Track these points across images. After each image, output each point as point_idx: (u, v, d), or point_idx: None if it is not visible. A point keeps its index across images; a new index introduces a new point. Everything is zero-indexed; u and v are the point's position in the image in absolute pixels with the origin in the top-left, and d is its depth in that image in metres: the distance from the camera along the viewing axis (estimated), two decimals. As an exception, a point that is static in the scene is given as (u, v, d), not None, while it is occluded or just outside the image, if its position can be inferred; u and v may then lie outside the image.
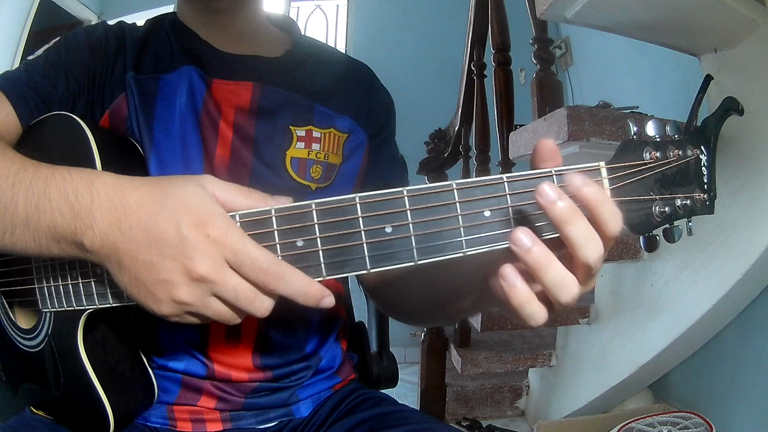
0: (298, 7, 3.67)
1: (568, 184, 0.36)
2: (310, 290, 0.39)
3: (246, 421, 0.63)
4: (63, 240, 0.41)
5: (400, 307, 0.68)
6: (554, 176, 0.38)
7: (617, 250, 1.37)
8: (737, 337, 1.29)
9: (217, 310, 0.39)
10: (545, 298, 0.38)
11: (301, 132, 0.65)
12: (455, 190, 0.38)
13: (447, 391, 1.79)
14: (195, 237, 0.37)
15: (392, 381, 0.86)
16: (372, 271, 0.39)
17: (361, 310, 0.86)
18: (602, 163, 0.39)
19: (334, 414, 0.64)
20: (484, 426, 1.70)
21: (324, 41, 0.86)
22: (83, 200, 0.40)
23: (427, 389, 1.77)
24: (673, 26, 1.07)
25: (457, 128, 2.16)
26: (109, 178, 0.41)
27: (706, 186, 0.41)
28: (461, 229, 0.38)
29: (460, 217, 0.38)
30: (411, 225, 0.38)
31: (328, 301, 0.39)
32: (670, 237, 0.42)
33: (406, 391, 2.34)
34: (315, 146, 0.66)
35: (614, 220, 0.36)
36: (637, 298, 1.40)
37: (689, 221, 0.42)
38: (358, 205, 0.38)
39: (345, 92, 0.71)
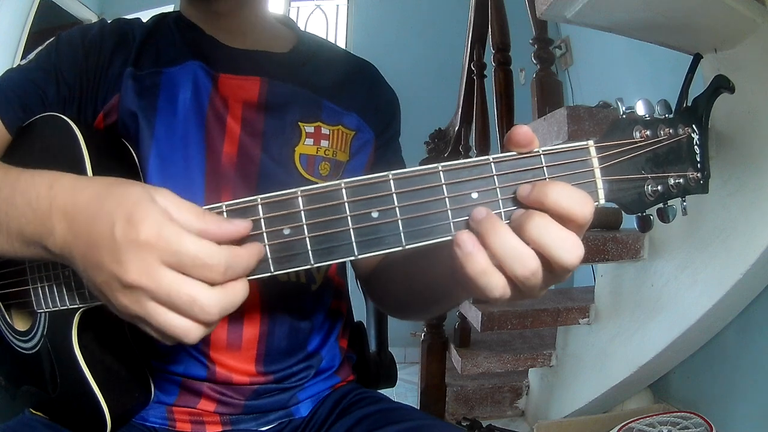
0: (298, 7, 3.67)
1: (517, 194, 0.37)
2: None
3: (246, 424, 0.62)
4: (32, 244, 0.42)
5: (386, 295, 0.68)
6: (542, 156, 0.38)
7: (617, 250, 1.37)
8: (737, 337, 1.29)
9: (162, 318, 0.36)
10: (505, 271, 0.36)
11: (309, 128, 0.65)
12: (441, 173, 0.38)
13: (447, 391, 1.79)
14: (125, 240, 0.35)
15: (391, 381, 0.86)
16: (360, 257, 0.38)
17: (360, 310, 0.86)
18: (591, 142, 0.39)
19: (335, 412, 0.63)
20: (484, 426, 1.70)
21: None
22: (43, 205, 0.40)
23: (427, 389, 1.77)
24: (673, 26, 1.07)
25: (457, 128, 2.16)
26: (67, 180, 0.41)
27: (699, 165, 0.41)
28: (449, 211, 0.38)
29: (447, 199, 0.38)
30: (398, 209, 0.38)
31: None
32: (664, 217, 0.41)
33: (406, 391, 2.34)
34: (324, 143, 0.65)
35: (576, 203, 0.35)
36: (637, 298, 1.40)
37: (683, 201, 0.42)
38: (343, 190, 0.38)
39: (352, 90, 0.70)
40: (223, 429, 0.62)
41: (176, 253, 0.35)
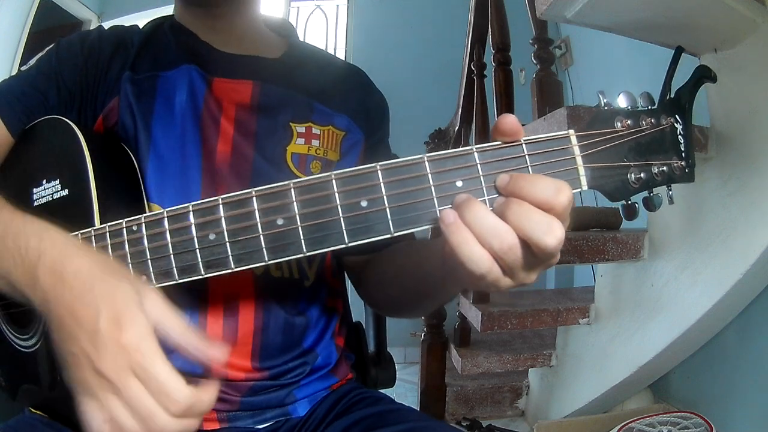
0: (298, 8, 3.67)
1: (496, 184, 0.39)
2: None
3: (242, 422, 0.63)
4: (16, 289, 0.43)
5: (378, 292, 0.69)
6: (524, 145, 0.39)
7: (617, 250, 1.37)
8: (737, 337, 1.29)
9: (117, 411, 0.37)
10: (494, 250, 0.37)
11: (301, 128, 0.67)
12: (426, 162, 0.39)
13: (447, 391, 1.79)
14: (107, 335, 0.37)
15: (390, 381, 0.86)
16: (350, 244, 0.40)
17: (359, 310, 0.86)
18: (572, 131, 0.40)
19: (332, 413, 0.64)
20: (484, 426, 1.70)
21: (323, 43, 0.88)
22: (32, 256, 0.42)
23: (427, 389, 1.77)
24: (673, 26, 1.07)
25: (457, 128, 2.16)
26: (57, 239, 0.42)
27: (683, 153, 0.42)
28: (435, 199, 0.39)
29: (432, 188, 0.39)
30: (385, 198, 0.39)
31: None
32: (650, 205, 0.42)
33: (406, 391, 2.34)
34: (314, 142, 0.67)
35: (550, 194, 0.36)
36: (637, 298, 1.40)
37: (669, 190, 0.43)
38: (333, 181, 0.40)
39: (342, 92, 0.72)
40: (220, 426, 0.62)
41: (147, 372, 0.37)
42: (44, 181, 0.55)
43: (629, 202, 0.42)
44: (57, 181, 0.54)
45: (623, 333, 1.43)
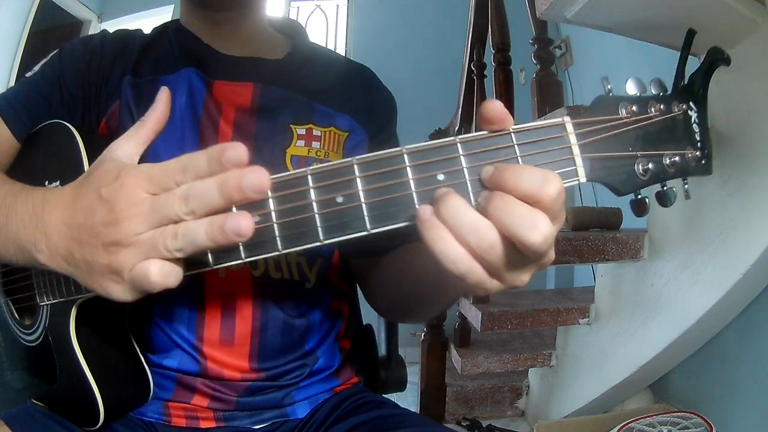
0: (298, 7, 3.67)
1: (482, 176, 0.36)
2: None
3: (239, 422, 0.63)
4: (24, 251, 0.43)
5: (382, 296, 0.68)
6: (512, 134, 0.36)
7: (617, 250, 1.37)
8: (737, 337, 1.29)
9: (183, 231, 0.35)
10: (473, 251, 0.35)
11: (301, 130, 0.66)
12: (405, 155, 0.37)
13: (447, 391, 1.79)
14: (111, 193, 0.37)
15: (400, 385, 0.86)
16: (326, 242, 0.38)
17: (371, 313, 0.86)
18: (567, 118, 0.37)
19: (332, 416, 0.63)
20: (484, 426, 1.70)
21: (324, 42, 0.88)
22: (38, 208, 0.42)
23: (427, 389, 1.77)
24: (673, 26, 1.07)
25: (457, 128, 2.16)
26: (63, 193, 0.43)
27: (699, 143, 0.38)
28: (414, 194, 0.36)
29: (411, 181, 0.37)
30: (361, 193, 0.37)
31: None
32: (664, 200, 0.38)
33: (406, 391, 2.32)
34: (315, 144, 0.66)
35: (536, 185, 0.33)
36: (637, 298, 1.40)
37: (685, 183, 0.39)
38: (308, 177, 0.38)
39: (345, 92, 0.71)
40: (216, 425, 0.62)
41: (151, 171, 0.37)
42: (46, 183, 0.56)
43: (639, 196, 0.38)
44: (58, 183, 0.55)
45: (623, 333, 1.43)
